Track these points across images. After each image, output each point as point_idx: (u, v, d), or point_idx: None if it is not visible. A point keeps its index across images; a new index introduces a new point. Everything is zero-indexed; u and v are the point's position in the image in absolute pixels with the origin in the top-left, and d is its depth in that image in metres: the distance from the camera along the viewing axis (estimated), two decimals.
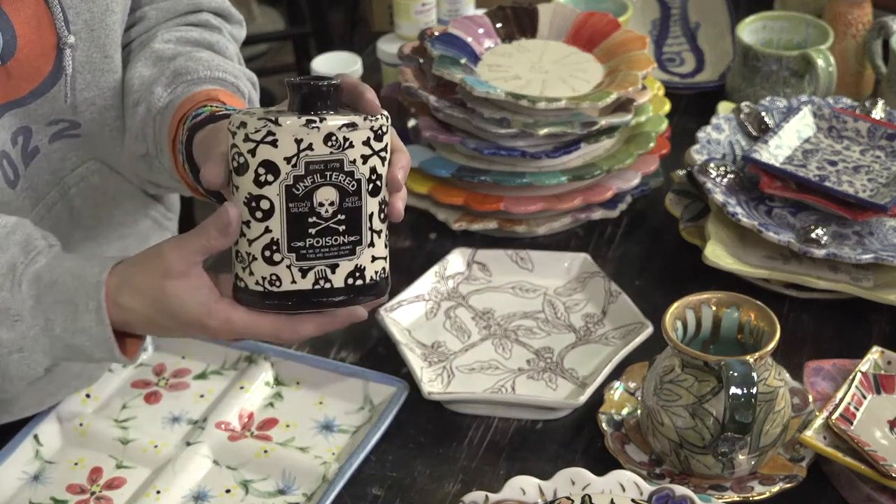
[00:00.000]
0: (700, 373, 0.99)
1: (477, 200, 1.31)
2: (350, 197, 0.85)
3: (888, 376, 1.07)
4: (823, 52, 1.41)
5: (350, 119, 0.84)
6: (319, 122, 0.83)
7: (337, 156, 0.84)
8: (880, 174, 1.26)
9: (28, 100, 0.98)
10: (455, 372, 1.15)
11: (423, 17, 1.53)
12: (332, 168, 0.84)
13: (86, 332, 0.88)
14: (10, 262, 0.88)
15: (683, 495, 0.92)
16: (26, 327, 0.88)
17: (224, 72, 1.02)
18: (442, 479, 1.05)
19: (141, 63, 1.04)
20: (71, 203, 1.06)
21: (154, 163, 1.02)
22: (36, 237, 0.91)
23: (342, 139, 0.83)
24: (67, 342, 0.89)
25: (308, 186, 0.84)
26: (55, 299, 0.88)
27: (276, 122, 0.82)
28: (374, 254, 0.87)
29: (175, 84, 1.00)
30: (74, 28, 0.97)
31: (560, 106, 1.26)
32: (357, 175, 0.84)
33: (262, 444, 1.07)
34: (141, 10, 1.08)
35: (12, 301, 0.88)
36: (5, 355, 0.88)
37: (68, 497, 1.05)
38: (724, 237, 1.23)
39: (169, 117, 0.98)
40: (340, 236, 0.85)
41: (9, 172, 0.99)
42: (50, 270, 0.89)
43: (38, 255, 0.90)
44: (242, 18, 1.15)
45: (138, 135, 1.01)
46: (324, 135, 0.83)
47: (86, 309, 0.87)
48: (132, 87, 1.03)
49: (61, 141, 1.03)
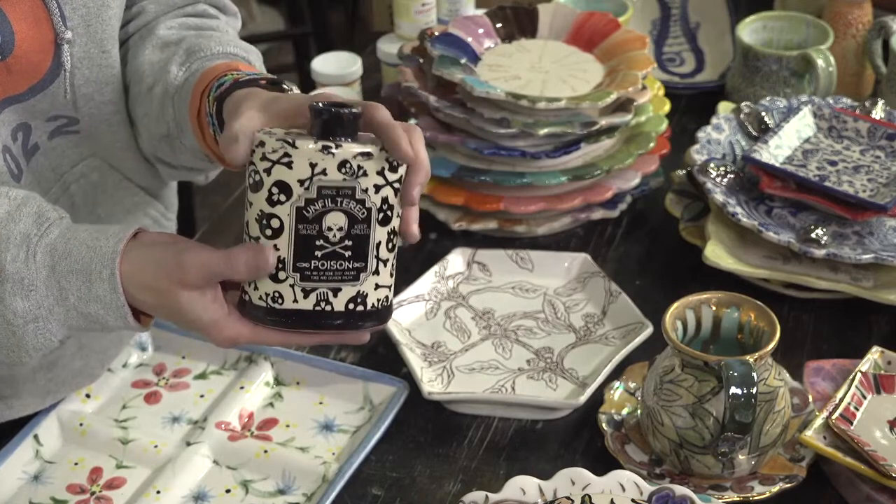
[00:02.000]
0: (700, 373, 0.99)
1: (477, 200, 1.31)
2: (359, 224, 0.85)
3: (888, 376, 1.07)
4: (823, 52, 1.41)
5: (366, 148, 0.84)
6: (335, 149, 0.84)
7: (350, 183, 0.84)
8: (880, 174, 1.26)
9: (28, 95, 0.98)
10: (455, 372, 1.15)
11: (423, 17, 1.53)
12: (343, 194, 0.84)
13: (100, 300, 0.88)
14: (24, 233, 0.89)
15: (683, 495, 0.92)
16: (41, 297, 0.88)
17: (235, 46, 1.03)
18: (442, 479, 1.05)
19: (148, 50, 1.05)
20: (72, 199, 1.06)
21: (176, 143, 1.02)
22: (47, 209, 0.92)
23: (356, 167, 0.84)
24: (82, 311, 0.89)
25: (318, 210, 0.84)
26: (70, 269, 0.88)
27: (293, 144, 0.83)
28: (379, 282, 0.87)
29: (190, 61, 1.01)
30: (71, 23, 0.97)
31: (560, 106, 1.26)
32: (368, 203, 0.85)
33: (262, 444, 1.07)
34: (139, 5, 1.08)
35: (27, 271, 0.88)
36: (21, 325, 0.89)
37: (68, 497, 1.05)
38: (724, 237, 1.23)
39: (188, 93, 0.99)
40: (346, 261, 0.86)
41: (13, 167, 0.99)
42: (65, 241, 0.89)
43: (50, 227, 0.90)
44: (237, 11, 1.15)
45: (158, 116, 1.02)
46: (338, 161, 0.84)
47: (99, 277, 0.88)
48: (143, 72, 1.03)
49: (60, 137, 1.03)
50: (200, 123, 0.98)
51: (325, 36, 2.75)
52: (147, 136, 1.05)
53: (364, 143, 0.85)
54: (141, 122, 1.05)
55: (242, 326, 0.88)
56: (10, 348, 0.90)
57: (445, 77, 1.30)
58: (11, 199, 0.91)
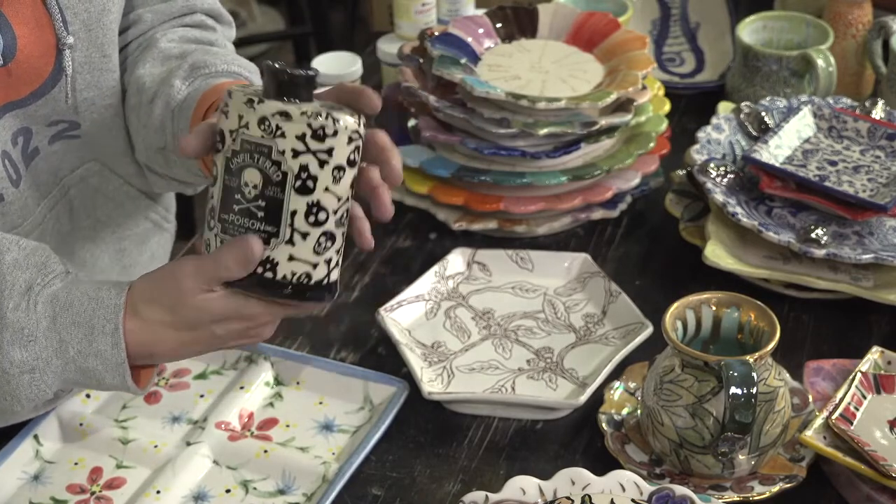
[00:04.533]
0: (700, 373, 0.99)
1: (477, 200, 1.31)
2: (273, 186, 0.85)
3: (888, 376, 1.07)
4: (823, 52, 1.41)
5: (286, 108, 0.84)
6: (257, 104, 0.84)
7: (267, 141, 0.84)
8: (880, 174, 1.26)
9: (29, 101, 0.98)
10: (455, 372, 1.15)
11: (423, 17, 1.53)
12: (259, 152, 0.85)
13: (100, 355, 0.88)
14: (28, 282, 0.88)
15: (683, 495, 0.92)
16: (40, 348, 0.88)
17: (239, 66, 1.04)
18: (442, 479, 1.05)
19: (150, 63, 1.05)
20: (71, 204, 1.06)
21: (171, 156, 1.03)
22: (54, 261, 0.91)
23: (274, 126, 0.84)
24: (80, 365, 0.89)
25: (239, 164, 0.85)
26: (71, 321, 0.88)
27: (229, 94, 0.85)
28: (293, 253, 0.86)
29: (193, 77, 1.01)
30: (73, 28, 0.97)
31: (560, 106, 1.26)
32: (284, 167, 0.84)
33: (262, 444, 1.07)
34: (135, 13, 1.08)
35: (27, 321, 0.87)
36: (17, 375, 0.88)
37: (68, 497, 1.05)
38: (724, 237, 1.23)
39: (189, 110, 0.99)
40: (258, 222, 0.86)
41: (11, 172, 0.99)
42: (67, 292, 0.89)
43: (54, 278, 0.90)
44: (232, 20, 1.16)
45: (157, 129, 1.02)
46: (258, 117, 0.84)
47: (102, 331, 0.87)
48: (144, 84, 1.03)
49: (61, 142, 1.03)
50: None
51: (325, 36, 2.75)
52: (143, 148, 1.05)
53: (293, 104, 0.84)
54: (137, 133, 1.05)
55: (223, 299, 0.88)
56: (2, 396, 0.89)
57: (445, 77, 1.30)
58: (21, 247, 0.90)
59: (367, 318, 1.21)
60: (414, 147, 1.35)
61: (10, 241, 0.90)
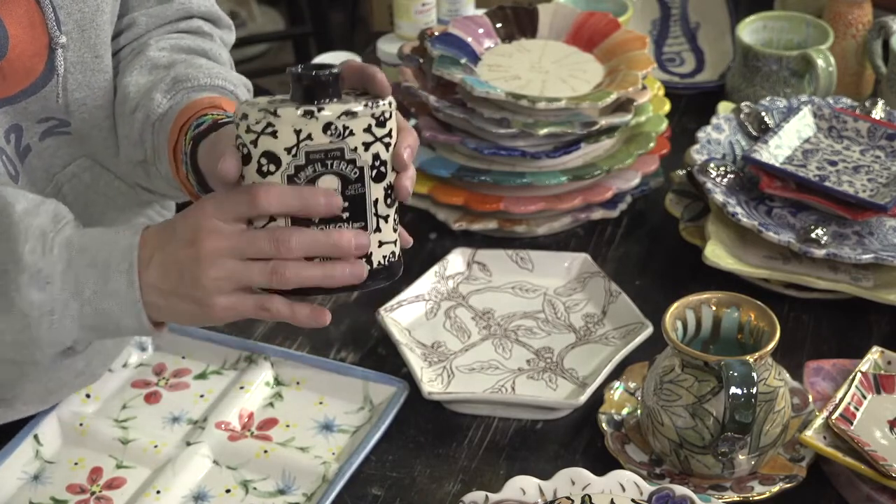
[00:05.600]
0: (700, 373, 0.99)
1: (477, 200, 1.31)
2: (353, 185, 0.85)
3: (888, 376, 1.07)
4: (823, 52, 1.41)
5: (349, 107, 0.84)
6: (318, 112, 0.83)
7: (337, 144, 0.84)
8: (880, 174, 1.26)
9: (19, 98, 0.98)
10: (455, 372, 1.15)
11: (423, 17, 1.54)
12: (332, 157, 0.84)
13: (116, 294, 0.89)
14: (41, 228, 0.89)
15: (683, 495, 0.92)
16: (57, 290, 0.88)
17: (224, 80, 1.03)
18: (442, 479, 1.05)
19: (136, 71, 1.04)
20: (65, 201, 1.06)
21: (151, 169, 1.02)
22: (64, 209, 0.92)
23: (342, 128, 0.84)
24: (97, 306, 0.89)
25: (309, 175, 0.85)
26: (87, 263, 0.89)
27: (275, 113, 0.83)
28: (382, 238, 0.88)
29: (175, 91, 1.00)
30: (65, 28, 0.97)
31: (560, 106, 1.26)
32: (359, 163, 0.85)
33: (262, 444, 1.07)
34: (130, 16, 1.07)
35: (44, 263, 0.88)
36: (36, 318, 0.89)
37: (68, 497, 1.05)
38: (724, 237, 1.23)
39: (169, 124, 0.99)
40: (345, 224, 0.86)
41: (9, 168, 0.99)
42: (80, 237, 0.90)
43: (66, 225, 0.91)
44: (231, 23, 1.15)
45: (136, 141, 1.02)
46: (322, 124, 0.84)
47: (117, 270, 0.88)
48: (128, 94, 1.03)
49: (51, 138, 1.03)
50: (176, 158, 0.98)
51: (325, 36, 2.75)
52: (125, 160, 1.05)
53: (348, 103, 0.85)
54: (121, 143, 1.05)
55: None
56: (24, 344, 0.90)
57: (445, 77, 1.30)
58: (30, 199, 0.91)
59: (367, 318, 1.21)
60: None
61: (18, 193, 0.91)
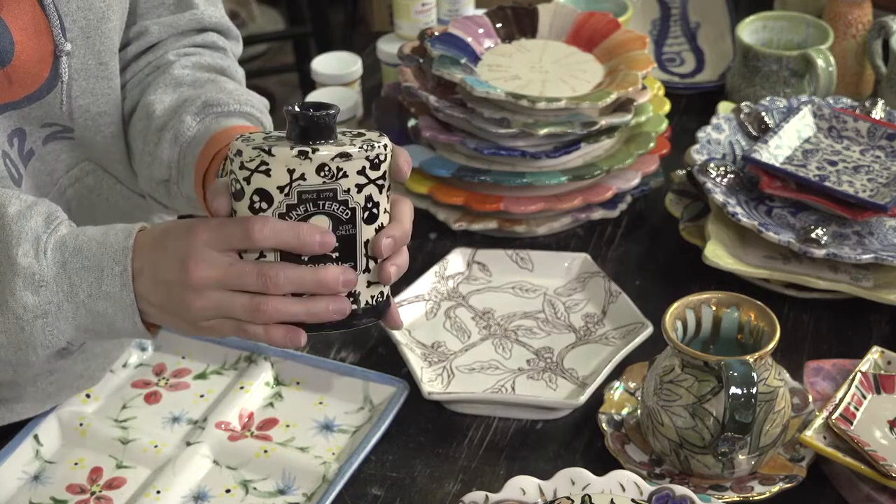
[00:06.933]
0: (700, 373, 0.99)
1: (477, 200, 1.31)
2: (344, 225, 0.85)
3: (888, 376, 1.07)
4: (823, 52, 1.41)
5: (344, 149, 0.84)
6: (312, 153, 0.83)
7: (330, 185, 0.84)
8: (880, 174, 1.26)
9: (23, 103, 0.98)
10: (455, 372, 1.15)
11: (423, 17, 1.53)
12: (324, 197, 0.84)
13: (110, 296, 0.89)
14: (34, 231, 0.90)
15: (683, 495, 0.92)
16: (51, 293, 0.89)
17: (251, 106, 1.04)
18: (442, 479, 1.05)
19: (161, 90, 1.05)
20: (68, 205, 1.06)
21: (173, 188, 1.03)
22: (56, 210, 0.92)
23: (335, 169, 0.84)
24: (91, 308, 0.89)
25: (301, 215, 0.85)
26: (81, 265, 0.89)
27: (269, 152, 0.83)
28: (371, 279, 0.88)
29: (205, 114, 1.01)
30: (71, 35, 0.97)
31: (560, 106, 1.26)
32: (351, 204, 0.85)
33: (262, 444, 1.07)
34: (141, 24, 1.08)
35: (37, 266, 0.89)
36: (30, 321, 0.89)
37: (68, 497, 1.05)
38: (724, 237, 1.23)
39: (198, 148, 1.00)
40: (334, 263, 0.86)
41: (13, 171, 0.99)
42: (74, 238, 0.90)
43: (59, 225, 0.91)
44: (239, 35, 1.16)
45: (164, 163, 1.02)
46: (316, 165, 0.84)
47: (111, 273, 0.88)
48: (153, 112, 1.04)
49: (54, 143, 1.03)
50: (204, 182, 0.99)
51: (325, 36, 2.75)
52: (147, 177, 1.05)
53: (343, 144, 0.85)
54: (142, 159, 1.05)
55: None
56: (17, 346, 0.90)
57: (445, 77, 1.30)
58: (23, 200, 0.92)
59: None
60: (414, 147, 1.35)
61: (11, 195, 0.92)
